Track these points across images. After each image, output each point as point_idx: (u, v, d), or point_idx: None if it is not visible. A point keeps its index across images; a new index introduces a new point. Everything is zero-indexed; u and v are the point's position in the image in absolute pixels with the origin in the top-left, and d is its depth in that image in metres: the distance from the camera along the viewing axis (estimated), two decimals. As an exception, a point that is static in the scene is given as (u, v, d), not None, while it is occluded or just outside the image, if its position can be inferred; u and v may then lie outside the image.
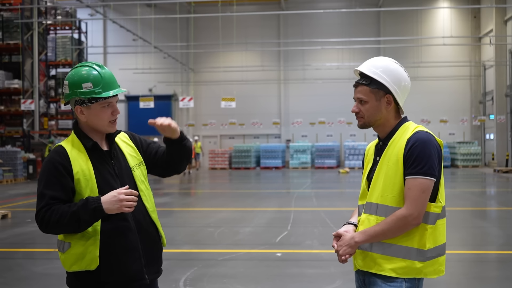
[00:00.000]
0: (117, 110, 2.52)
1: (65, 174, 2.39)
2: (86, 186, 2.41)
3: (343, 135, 32.13)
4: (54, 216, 2.33)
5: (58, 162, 2.40)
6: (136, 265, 2.46)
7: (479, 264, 6.92)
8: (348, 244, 2.41)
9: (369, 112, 2.48)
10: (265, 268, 6.51)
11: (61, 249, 2.46)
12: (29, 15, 23.83)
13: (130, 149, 2.63)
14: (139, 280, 2.48)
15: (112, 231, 2.42)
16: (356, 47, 29.65)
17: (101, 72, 2.46)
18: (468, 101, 31.76)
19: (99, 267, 2.39)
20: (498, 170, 24.53)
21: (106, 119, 2.47)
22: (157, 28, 29.03)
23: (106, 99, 2.44)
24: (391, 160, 2.41)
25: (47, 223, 2.35)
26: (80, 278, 2.43)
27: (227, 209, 12.18)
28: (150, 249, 2.54)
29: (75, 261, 2.39)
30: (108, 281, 2.42)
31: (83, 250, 2.38)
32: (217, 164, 30.61)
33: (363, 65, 2.52)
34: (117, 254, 2.42)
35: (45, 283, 5.96)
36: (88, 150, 2.47)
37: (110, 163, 2.51)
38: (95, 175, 2.43)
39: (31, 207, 12.88)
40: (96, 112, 2.45)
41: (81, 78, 2.43)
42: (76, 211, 2.31)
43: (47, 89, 25.30)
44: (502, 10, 27.16)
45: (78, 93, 2.43)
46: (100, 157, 2.49)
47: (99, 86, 2.43)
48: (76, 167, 2.41)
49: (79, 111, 2.47)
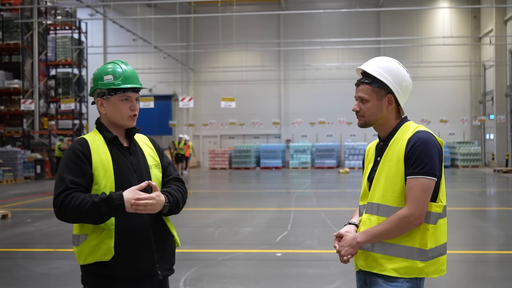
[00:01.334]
0: (136, 106, 2.57)
1: (85, 161, 2.44)
2: (103, 176, 2.45)
3: (343, 135, 32.13)
4: (74, 202, 2.34)
5: (79, 150, 2.46)
6: (149, 261, 2.50)
7: (479, 264, 6.91)
8: (350, 244, 2.41)
9: (370, 111, 2.48)
10: (265, 268, 6.51)
11: (76, 242, 2.49)
12: (29, 15, 23.82)
13: (149, 150, 2.69)
14: (152, 276, 2.51)
15: (126, 226, 2.46)
16: (356, 47, 29.65)
17: (123, 68, 2.57)
18: (468, 101, 31.76)
19: (112, 262, 2.43)
20: (498, 170, 24.53)
21: (125, 113, 2.54)
22: (157, 28, 29.03)
23: (124, 93, 2.53)
24: (392, 160, 2.41)
25: (65, 207, 2.35)
26: (94, 273, 2.46)
27: (227, 209, 12.18)
28: (162, 246, 2.57)
29: (90, 252, 2.43)
30: (121, 276, 2.45)
31: (98, 242, 2.42)
32: (217, 164, 30.61)
33: (366, 64, 2.52)
34: (131, 249, 2.46)
35: (45, 283, 5.96)
36: (109, 143, 2.54)
37: (128, 158, 2.57)
38: (113, 166, 2.49)
39: (31, 207, 12.88)
40: (114, 105, 2.53)
41: (103, 71, 2.56)
42: (98, 203, 2.34)
43: (47, 89, 25.29)
44: (502, 10, 27.16)
45: (99, 85, 2.54)
46: (119, 151, 2.55)
47: (119, 79, 2.53)
48: (95, 156, 2.47)
49: (99, 104, 2.56)
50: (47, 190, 17.26)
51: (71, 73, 25.56)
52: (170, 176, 2.69)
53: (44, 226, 9.78)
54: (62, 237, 8.71)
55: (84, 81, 26.84)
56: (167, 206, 2.49)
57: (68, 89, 25.39)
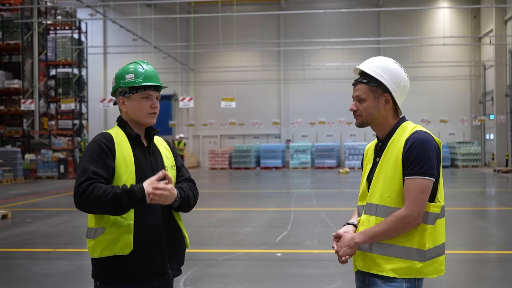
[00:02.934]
0: (156, 104, 2.63)
1: (109, 154, 2.48)
2: (125, 171, 2.49)
3: (343, 135, 32.13)
4: (96, 192, 2.36)
5: (103, 143, 2.50)
6: (161, 260, 2.54)
7: (479, 264, 6.92)
8: (348, 244, 2.41)
9: (367, 111, 2.48)
10: (265, 268, 6.51)
11: (92, 235, 2.50)
12: (29, 15, 23.82)
13: (166, 151, 2.75)
14: (162, 274, 2.55)
15: (142, 223, 2.49)
16: (356, 47, 29.65)
17: (145, 67, 2.64)
18: (468, 101, 31.76)
19: (127, 257, 2.46)
20: (498, 170, 24.54)
21: (145, 110, 2.59)
22: (157, 28, 29.03)
23: (145, 91, 2.58)
24: (390, 161, 2.41)
25: (87, 197, 2.37)
26: (107, 267, 2.48)
27: (227, 209, 12.19)
28: (174, 246, 2.61)
29: (107, 245, 2.45)
30: (134, 272, 2.48)
31: (117, 236, 2.45)
32: (217, 164, 30.61)
33: (363, 63, 2.53)
34: (145, 246, 2.49)
35: (45, 283, 5.96)
36: (131, 141, 2.59)
37: (148, 157, 2.61)
38: (135, 164, 2.53)
39: (31, 207, 12.89)
40: (136, 103, 2.59)
41: (125, 71, 2.64)
42: (120, 194, 2.36)
43: (47, 89, 25.29)
44: (502, 10, 27.16)
45: (121, 83, 2.61)
46: (140, 149, 2.60)
47: (140, 77, 2.60)
48: (118, 151, 2.51)
49: (121, 102, 2.62)
50: (47, 190, 17.26)
51: (71, 73, 25.55)
52: (183, 177, 2.74)
53: (44, 226, 9.78)
54: (62, 237, 8.72)
55: (84, 81, 26.84)
56: (178, 201, 2.53)
57: (68, 89, 25.38)
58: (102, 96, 30.16)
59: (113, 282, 2.49)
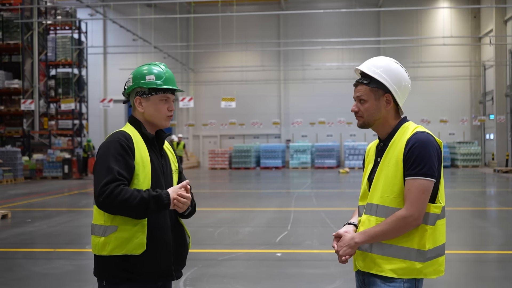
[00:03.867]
0: (172, 107, 2.65)
1: (130, 153, 2.49)
2: (142, 171, 2.50)
3: (343, 135, 32.13)
4: (124, 195, 2.36)
5: (124, 143, 2.50)
6: (167, 262, 2.55)
7: (479, 264, 6.92)
8: (348, 244, 2.41)
9: (368, 111, 2.48)
10: (265, 268, 6.51)
11: (101, 233, 2.48)
12: (29, 15, 23.82)
13: (171, 155, 2.78)
14: (167, 276, 2.56)
15: (154, 224, 2.50)
16: (356, 47, 29.64)
17: (164, 70, 2.65)
18: (468, 101, 31.76)
19: (137, 257, 2.46)
20: (498, 170, 24.54)
21: (164, 113, 2.61)
22: (157, 28, 29.03)
23: (165, 93, 2.60)
24: (391, 161, 2.41)
25: (114, 198, 2.36)
26: (114, 266, 2.47)
27: (227, 209, 12.18)
28: (179, 248, 2.64)
29: (119, 244, 2.45)
30: (141, 272, 2.48)
31: (130, 235, 2.45)
32: (217, 164, 30.61)
33: (364, 64, 2.52)
34: (155, 248, 2.50)
35: (45, 283, 5.96)
36: (147, 142, 2.59)
37: (160, 160, 2.63)
38: (151, 165, 2.54)
39: (31, 207, 12.89)
40: (154, 104, 2.59)
41: (145, 71, 2.62)
42: (147, 199, 2.38)
43: (47, 89, 25.28)
44: (502, 10, 27.16)
45: (140, 84, 2.59)
46: (154, 151, 2.61)
47: (161, 79, 2.60)
48: (137, 151, 2.52)
49: (138, 102, 2.60)
50: (47, 190, 17.26)
51: (71, 73, 25.55)
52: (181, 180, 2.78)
53: (44, 226, 9.78)
54: (62, 237, 8.71)
55: (84, 81, 26.84)
56: (189, 209, 2.59)
57: (68, 89, 25.38)
58: (102, 96, 30.16)
59: (121, 281, 2.48)
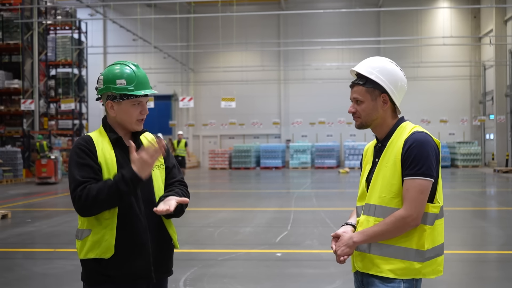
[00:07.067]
0: (146, 110, 2.59)
1: (90, 155, 2.46)
2: (108, 174, 2.47)
3: (343, 135, 32.13)
4: (92, 193, 2.35)
5: (83, 145, 2.48)
6: (144, 263, 2.50)
7: (480, 264, 6.92)
8: (346, 244, 2.41)
9: (365, 112, 2.48)
10: (265, 268, 6.51)
11: (79, 236, 2.50)
12: (29, 15, 23.82)
13: None
14: (146, 278, 2.51)
15: (126, 226, 2.46)
16: (356, 47, 29.64)
17: (136, 71, 2.54)
18: (468, 101, 31.76)
19: (107, 260, 2.44)
20: (498, 170, 24.54)
21: (135, 117, 2.54)
22: (157, 28, 29.03)
23: (137, 98, 2.52)
24: (389, 161, 2.41)
25: (85, 200, 2.35)
26: (90, 269, 2.48)
27: (227, 209, 12.18)
28: (160, 249, 2.58)
29: (91, 247, 2.44)
30: (115, 275, 2.46)
31: (99, 238, 2.44)
32: (217, 164, 30.61)
33: (359, 65, 2.52)
34: (127, 249, 2.46)
35: (45, 283, 5.97)
36: (113, 143, 2.55)
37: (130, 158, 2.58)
38: (117, 165, 2.50)
39: (31, 207, 12.89)
40: (126, 109, 2.53)
41: (116, 75, 2.52)
42: (113, 184, 2.36)
43: (47, 89, 25.30)
44: (502, 10, 27.16)
45: (111, 88, 2.51)
46: (122, 151, 2.56)
47: (132, 84, 2.51)
48: (99, 152, 2.48)
49: (109, 106, 2.54)
50: (46, 190, 17.26)
51: (71, 73, 25.56)
52: (174, 179, 2.68)
53: (44, 226, 9.78)
54: (62, 237, 8.72)
55: (84, 81, 26.85)
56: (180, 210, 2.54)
57: (68, 89, 25.39)
58: (102, 96, 30.11)
59: (97, 283, 2.48)
